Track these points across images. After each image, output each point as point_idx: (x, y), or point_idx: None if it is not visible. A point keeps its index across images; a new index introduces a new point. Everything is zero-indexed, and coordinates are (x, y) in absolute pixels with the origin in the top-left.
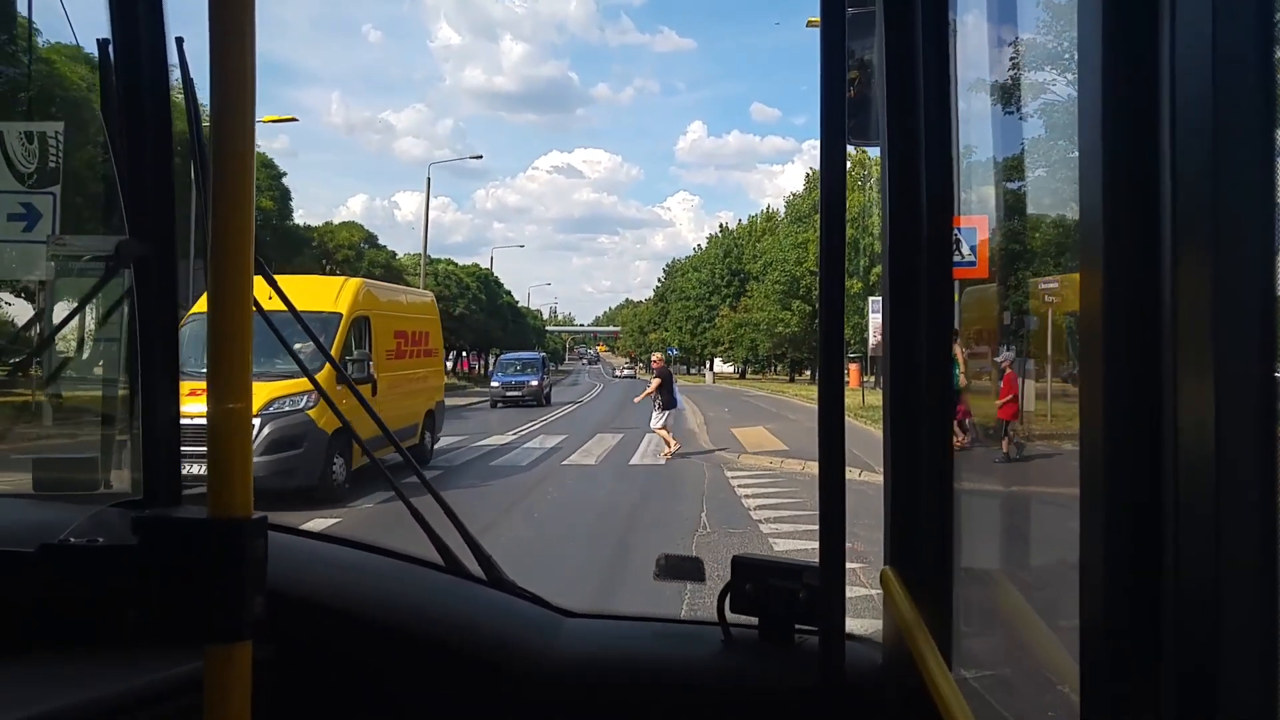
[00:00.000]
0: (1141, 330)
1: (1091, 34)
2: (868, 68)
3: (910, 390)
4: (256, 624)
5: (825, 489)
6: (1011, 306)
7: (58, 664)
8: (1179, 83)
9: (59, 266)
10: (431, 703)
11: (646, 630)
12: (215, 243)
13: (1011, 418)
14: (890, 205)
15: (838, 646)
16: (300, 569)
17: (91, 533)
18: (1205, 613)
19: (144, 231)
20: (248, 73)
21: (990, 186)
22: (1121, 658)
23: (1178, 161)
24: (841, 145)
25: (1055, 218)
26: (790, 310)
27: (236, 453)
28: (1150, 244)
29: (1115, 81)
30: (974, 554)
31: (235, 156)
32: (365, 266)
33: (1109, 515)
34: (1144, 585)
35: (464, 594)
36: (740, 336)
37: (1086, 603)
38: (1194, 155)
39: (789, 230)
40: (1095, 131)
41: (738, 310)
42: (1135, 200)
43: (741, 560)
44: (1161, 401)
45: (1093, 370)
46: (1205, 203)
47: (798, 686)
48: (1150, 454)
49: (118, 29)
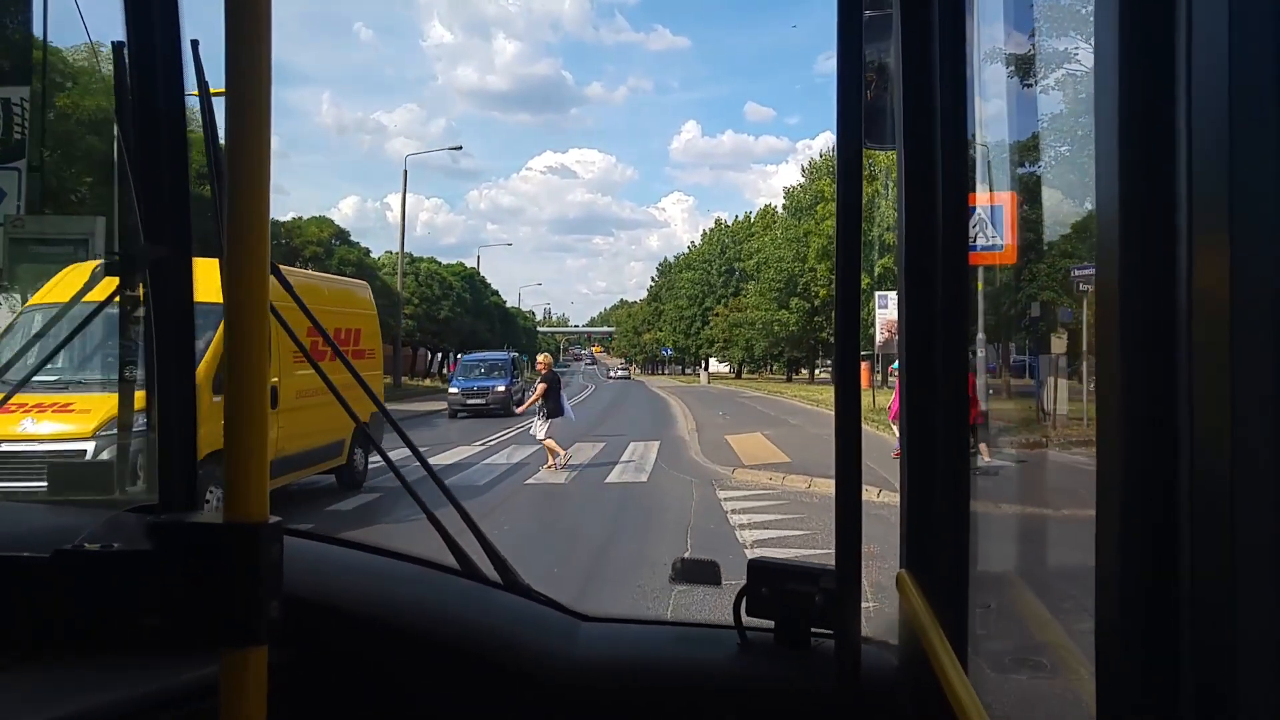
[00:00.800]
0: (1158, 333)
1: (1108, 36)
2: (884, 71)
3: (927, 391)
4: (272, 628)
5: (842, 491)
6: (1023, 299)
7: (73, 669)
8: (1195, 83)
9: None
10: (448, 707)
11: (663, 634)
12: (231, 244)
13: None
14: (906, 208)
15: (854, 650)
16: (316, 573)
17: (107, 538)
18: (1222, 618)
19: (160, 235)
20: (263, 75)
21: (1006, 191)
22: (1137, 663)
23: (1194, 167)
24: (858, 149)
25: (1071, 218)
26: (788, 309)
27: (253, 456)
28: (1167, 248)
29: (1132, 84)
30: (990, 557)
31: (251, 159)
32: (335, 264)
33: (1125, 519)
34: (1160, 590)
35: (480, 598)
36: (736, 336)
37: (1102, 607)
38: (1210, 160)
39: (787, 224)
40: (1112, 135)
41: (732, 309)
42: (1152, 204)
43: (757, 564)
44: (1178, 405)
45: (1109, 374)
46: (1221, 207)
47: (814, 690)
48: (1167, 458)
49: (133, 32)
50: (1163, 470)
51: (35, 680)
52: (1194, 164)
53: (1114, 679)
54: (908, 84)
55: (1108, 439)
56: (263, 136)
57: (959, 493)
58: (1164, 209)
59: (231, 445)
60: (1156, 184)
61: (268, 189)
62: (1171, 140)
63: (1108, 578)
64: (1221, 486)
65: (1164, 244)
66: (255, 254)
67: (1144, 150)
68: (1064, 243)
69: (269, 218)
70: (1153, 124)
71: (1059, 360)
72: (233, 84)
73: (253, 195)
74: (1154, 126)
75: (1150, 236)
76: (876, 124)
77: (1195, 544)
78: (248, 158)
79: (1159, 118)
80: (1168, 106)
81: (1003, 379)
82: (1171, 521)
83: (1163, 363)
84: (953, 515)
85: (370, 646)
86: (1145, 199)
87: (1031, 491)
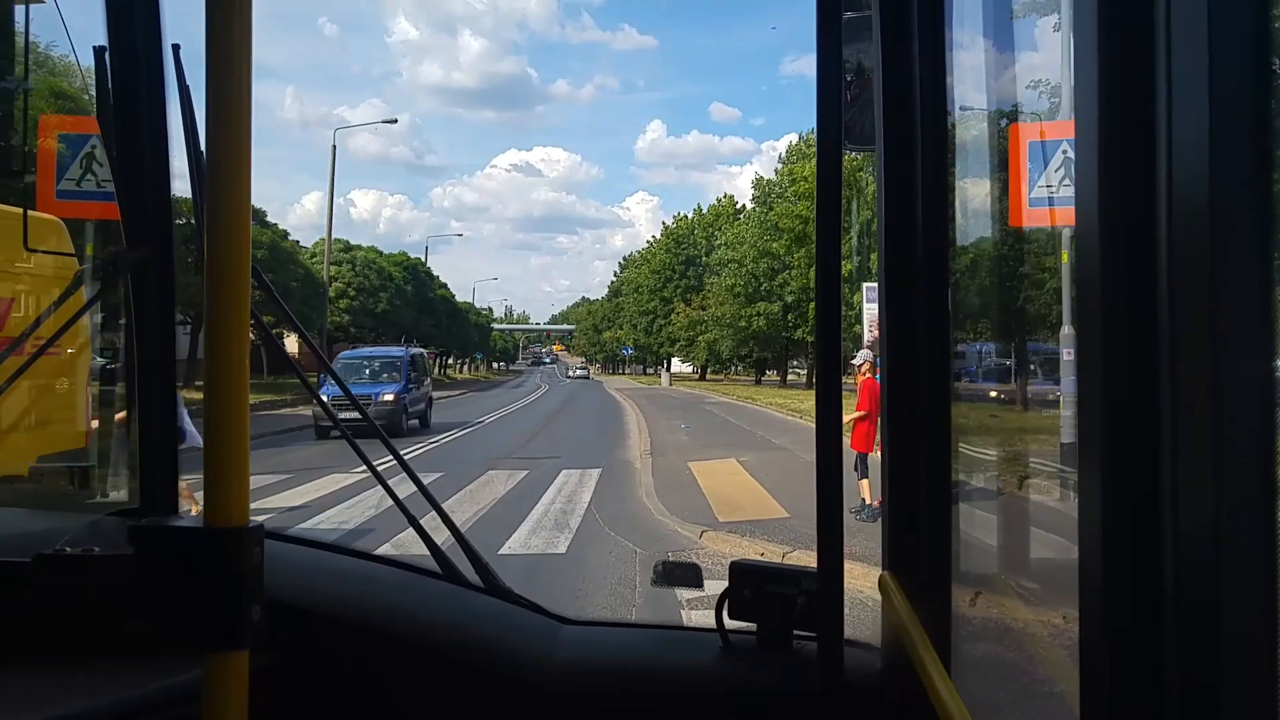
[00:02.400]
0: (1139, 332)
1: (1087, 37)
2: (863, 72)
3: (909, 393)
4: (254, 632)
5: (822, 491)
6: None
7: (55, 674)
8: (1175, 84)
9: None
10: (429, 710)
11: (645, 637)
12: (212, 249)
13: (865, 448)
14: (886, 209)
15: (836, 652)
16: (298, 577)
17: (88, 542)
18: (1206, 618)
19: (141, 240)
20: (244, 79)
21: (986, 191)
22: (1121, 662)
23: (1174, 163)
24: (838, 150)
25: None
26: (757, 305)
27: (233, 460)
28: (1147, 246)
29: (1111, 83)
30: (973, 558)
31: (232, 163)
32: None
33: (1107, 519)
34: (1144, 590)
35: (462, 601)
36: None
37: (1086, 607)
38: (1190, 158)
39: (753, 215)
40: (1091, 135)
41: (693, 306)
42: (1131, 203)
43: (739, 566)
44: (1159, 406)
45: (1090, 375)
46: (1202, 205)
47: (797, 692)
48: (1149, 458)
49: (114, 37)
50: (1145, 469)
51: (16, 685)
52: (1174, 163)
53: (1097, 679)
54: (887, 85)
55: (1089, 438)
56: (243, 140)
57: (941, 494)
58: (1144, 207)
59: (211, 450)
60: (1136, 183)
61: (249, 192)
62: (1151, 140)
63: (1090, 578)
64: (1204, 485)
65: (1144, 242)
66: (236, 257)
67: (1123, 149)
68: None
69: (250, 221)
70: (1132, 123)
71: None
72: (213, 88)
73: (234, 199)
74: (1133, 126)
75: (1130, 235)
76: (856, 126)
77: (1178, 543)
78: (229, 161)
79: (1138, 117)
80: (1147, 105)
81: (1016, 385)
82: (1154, 521)
83: (1144, 361)
84: (935, 517)
85: (352, 650)
86: (1124, 198)
87: (1014, 492)
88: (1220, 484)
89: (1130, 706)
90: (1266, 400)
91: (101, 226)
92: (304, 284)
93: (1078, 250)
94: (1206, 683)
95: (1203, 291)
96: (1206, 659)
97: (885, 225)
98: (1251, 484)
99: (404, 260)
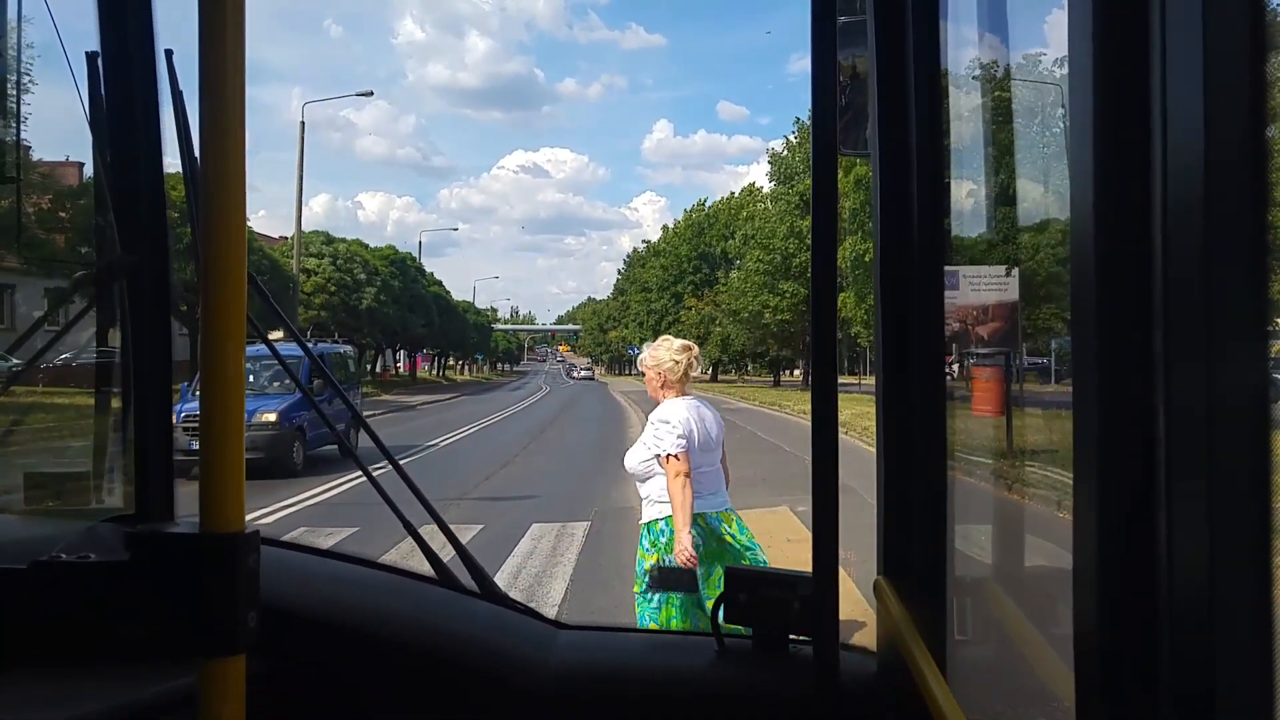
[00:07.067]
0: (1134, 332)
1: (1082, 42)
2: (858, 77)
3: (904, 397)
4: (250, 638)
5: (819, 497)
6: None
7: (50, 680)
8: (1171, 85)
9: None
10: (425, 715)
11: (641, 641)
12: (206, 254)
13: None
14: (882, 214)
15: (832, 656)
16: (294, 583)
17: (83, 549)
18: (1201, 621)
19: (136, 245)
20: (238, 84)
21: (980, 194)
22: (1116, 667)
23: (1169, 165)
24: (833, 153)
25: (1045, 220)
26: (777, 293)
27: (229, 466)
28: (1142, 247)
29: (1105, 85)
30: (968, 563)
31: (226, 167)
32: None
33: (1102, 523)
34: (1138, 593)
35: (457, 607)
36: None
37: (1080, 611)
38: (1185, 161)
39: (777, 192)
40: (1086, 137)
41: (707, 301)
42: (1127, 204)
43: (735, 571)
44: (1155, 409)
45: (1086, 378)
46: (1196, 206)
47: (792, 696)
48: (1144, 459)
49: (107, 41)
50: (1139, 472)
51: (12, 693)
52: (1169, 165)
53: (1093, 683)
54: (882, 89)
55: (1084, 440)
56: (237, 144)
57: (937, 499)
58: (1139, 209)
59: (208, 455)
60: (1131, 184)
61: (244, 197)
62: (1146, 141)
63: (1085, 581)
64: (1199, 486)
65: (1139, 243)
66: (231, 262)
67: (1118, 151)
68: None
69: (245, 226)
70: (1127, 125)
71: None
72: (207, 92)
73: (228, 204)
74: (1128, 128)
75: (1125, 236)
76: (851, 131)
77: (1173, 546)
78: (222, 166)
79: (1133, 119)
80: (1142, 107)
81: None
82: (1149, 523)
83: (1139, 362)
84: (930, 521)
85: (348, 655)
86: (1120, 200)
87: (1009, 496)
88: (1215, 488)
89: (1125, 711)
90: (1260, 402)
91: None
92: (272, 277)
93: (1073, 251)
94: (1201, 686)
95: (1198, 294)
96: (1201, 663)
97: (881, 229)
98: (1247, 487)
99: (391, 254)
